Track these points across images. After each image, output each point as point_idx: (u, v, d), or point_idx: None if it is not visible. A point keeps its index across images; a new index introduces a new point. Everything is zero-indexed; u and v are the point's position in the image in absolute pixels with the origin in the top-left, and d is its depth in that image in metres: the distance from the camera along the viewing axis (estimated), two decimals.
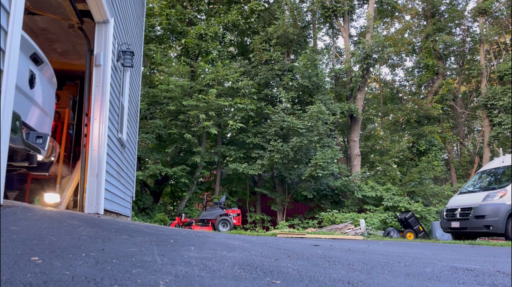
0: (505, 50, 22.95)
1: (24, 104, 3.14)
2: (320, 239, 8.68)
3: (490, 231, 9.75)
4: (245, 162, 17.14)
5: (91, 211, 5.09)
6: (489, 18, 22.30)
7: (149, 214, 15.74)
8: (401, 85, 30.33)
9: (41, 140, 3.39)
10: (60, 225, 2.51)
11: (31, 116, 3.37)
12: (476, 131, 29.58)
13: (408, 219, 13.21)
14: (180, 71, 17.23)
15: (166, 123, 16.85)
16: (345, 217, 15.15)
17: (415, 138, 21.49)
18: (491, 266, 3.15)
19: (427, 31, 23.59)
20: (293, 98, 18.47)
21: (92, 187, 5.12)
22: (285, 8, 19.86)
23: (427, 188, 18.23)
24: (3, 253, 1.54)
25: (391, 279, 2.23)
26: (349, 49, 20.04)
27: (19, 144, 2.97)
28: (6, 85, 2.29)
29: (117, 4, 6.11)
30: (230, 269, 1.98)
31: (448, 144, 24.74)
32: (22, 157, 3.25)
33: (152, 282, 1.50)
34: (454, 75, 26.93)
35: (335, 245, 4.70)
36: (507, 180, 10.38)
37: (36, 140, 3.34)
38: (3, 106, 2.26)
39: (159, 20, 17.63)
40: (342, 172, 18.05)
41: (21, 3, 2.44)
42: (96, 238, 2.26)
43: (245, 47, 21.42)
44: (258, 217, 17.20)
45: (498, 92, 19.94)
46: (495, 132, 20.09)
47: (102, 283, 1.39)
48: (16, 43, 2.40)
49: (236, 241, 3.52)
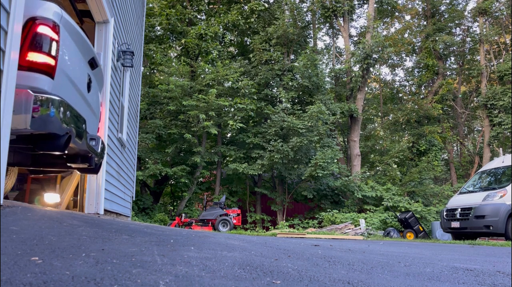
0: (505, 50, 22.94)
1: (84, 108, 3.27)
2: (320, 239, 8.68)
3: (490, 231, 9.75)
4: (245, 162, 17.13)
5: (91, 211, 5.09)
6: (489, 18, 22.29)
7: (149, 214, 15.74)
8: (401, 85, 30.34)
9: (94, 142, 3.55)
10: (60, 225, 2.51)
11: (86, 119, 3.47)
12: (476, 131, 29.58)
13: (408, 219, 13.21)
14: (180, 71, 17.23)
15: (166, 123, 16.85)
16: (345, 217, 15.14)
17: (415, 138, 21.48)
18: (491, 266, 3.15)
19: (427, 31, 23.58)
20: (293, 98, 18.47)
21: (92, 187, 5.12)
22: (285, 8, 19.85)
23: (427, 188, 18.23)
24: (3, 253, 1.54)
25: (391, 279, 2.23)
26: (349, 49, 20.03)
27: (83, 146, 3.16)
28: (6, 85, 2.29)
29: (117, 4, 6.11)
30: (230, 269, 1.98)
31: (448, 144, 24.73)
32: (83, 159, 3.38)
33: (152, 282, 1.50)
34: (454, 75, 26.92)
35: (335, 245, 4.70)
36: (507, 180, 10.38)
37: (90, 142, 3.50)
38: (3, 106, 2.26)
39: (159, 20, 17.63)
40: (342, 172, 18.05)
41: (21, 3, 2.44)
42: (96, 238, 2.26)
43: (245, 47, 21.42)
44: (258, 217, 17.20)
45: (498, 92, 19.94)
46: (495, 132, 20.09)
47: (102, 283, 1.39)
48: (16, 43, 2.40)
49: (236, 241, 3.51)
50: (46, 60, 2.52)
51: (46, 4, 2.66)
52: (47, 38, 2.53)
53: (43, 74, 2.50)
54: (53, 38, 2.56)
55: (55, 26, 2.59)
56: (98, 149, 3.65)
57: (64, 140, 2.68)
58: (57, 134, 2.60)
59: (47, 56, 2.53)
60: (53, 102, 2.50)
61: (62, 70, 2.69)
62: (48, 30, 2.54)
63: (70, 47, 2.83)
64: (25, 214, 2.52)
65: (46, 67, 2.52)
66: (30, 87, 2.45)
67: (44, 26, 2.53)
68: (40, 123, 2.43)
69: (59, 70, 2.63)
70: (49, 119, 2.46)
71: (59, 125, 2.57)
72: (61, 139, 2.65)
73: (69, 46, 2.81)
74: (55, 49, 2.57)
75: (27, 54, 2.49)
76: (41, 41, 2.52)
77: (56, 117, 2.51)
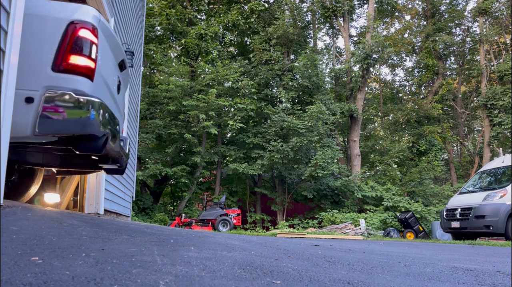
0: (505, 50, 22.93)
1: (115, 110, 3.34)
2: (320, 239, 8.68)
3: (490, 231, 9.75)
4: (245, 162, 17.14)
5: (91, 211, 5.09)
6: (489, 18, 22.29)
7: (149, 214, 15.74)
8: (401, 85, 30.33)
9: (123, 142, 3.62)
10: (60, 225, 2.51)
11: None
12: (476, 131, 29.57)
13: (408, 219, 13.21)
14: (180, 71, 17.23)
15: (166, 123, 16.85)
16: (345, 217, 15.14)
17: (415, 138, 21.48)
18: (491, 266, 3.15)
19: (427, 31, 23.58)
20: (293, 98, 18.46)
21: (92, 187, 5.12)
22: (285, 8, 19.85)
23: (427, 188, 18.23)
24: (3, 253, 1.54)
25: (391, 279, 2.23)
26: (349, 49, 20.03)
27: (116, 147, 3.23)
28: (6, 85, 2.29)
29: (117, 4, 6.11)
30: (230, 269, 1.98)
31: (448, 144, 24.73)
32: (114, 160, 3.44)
33: (152, 282, 1.50)
34: (454, 75, 26.92)
35: (335, 245, 4.70)
36: (507, 180, 10.38)
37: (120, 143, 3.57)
38: (3, 106, 2.26)
39: (159, 20, 17.63)
40: (342, 172, 18.05)
41: (21, 3, 2.44)
42: (96, 238, 2.26)
43: (245, 47, 21.42)
44: (258, 217, 17.20)
45: (498, 92, 19.93)
46: (495, 132, 20.08)
47: (102, 283, 1.39)
48: (16, 43, 2.40)
49: (236, 241, 3.52)
50: (87, 63, 2.60)
51: (85, 8, 2.74)
52: (87, 41, 2.61)
53: (84, 77, 2.58)
54: (93, 41, 2.64)
55: (94, 29, 2.66)
56: (126, 149, 3.72)
57: (102, 142, 2.73)
58: (96, 135, 2.65)
59: (88, 59, 2.60)
60: (94, 104, 2.58)
61: (99, 72, 2.75)
62: (88, 34, 2.61)
63: (105, 49, 2.89)
64: (25, 214, 2.52)
65: (87, 69, 2.59)
66: (73, 90, 2.51)
67: (85, 29, 2.60)
68: (81, 124, 2.52)
69: (97, 73, 2.70)
70: (90, 121, 2.55)
71: (98, 127, 2.64)
72: (99, 141, 2.70)
73: (104, 48, 2.86)
74: (95, 52, 2.65)
75: (69, 57, 2.55)
76: (82, 44, 2.59)
77: (96, 119, 2.59)
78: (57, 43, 2.53)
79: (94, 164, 3.51)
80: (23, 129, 2.43)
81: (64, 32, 2.56)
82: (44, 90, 2.46)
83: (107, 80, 2.98)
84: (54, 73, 2.50)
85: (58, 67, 2.51)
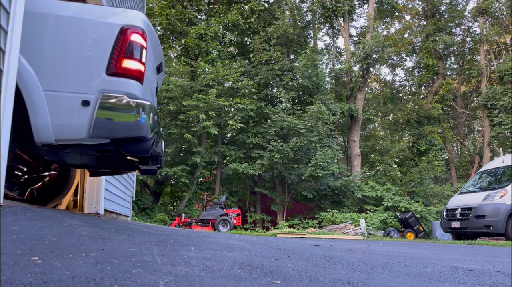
0: (505, 50, 22.93)
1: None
2: (320, 239, 8.68)
3: (490, 231, 9.75)
4: (245, 162, 17.14)
5: (91, 211, 5.09)
6: (489, 18, 22.29)
7: (149, 214, 15.74)
8: (401, 85, 30.32)
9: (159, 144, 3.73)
10: (60, 225, 2.51)
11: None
12: (476, 131, 29.57)
13: (408, 219, 13.21)
14: (180, 71, 17.23)
15: (166, 123, 16.86)
16: (345, 217, 15.15)
17: (415, 138, 21.48)
18: (491, 266, 3.15)
19: (427, 31, 23.58)
20: (293, 98, 18.47)
21: (92, 187, 5.12)
22: (285, 8, 19.86)
23: (427, 188, 18.23)
24: (3, 253, 1.54)
25: (391, 279, 2.23)
26: (349, 49, 20.04)
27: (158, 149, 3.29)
28: (6, 85, 2.29)
29: (117, 4, 6.10)
30: (230, 269, 1.98)
31: (448, 144, 24.73)
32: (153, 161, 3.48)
33: (152, 282, 1.50)
34: (454, 75, 26.91)
35: (335, 245, 4.70)
36: (507, 180, 10.38)
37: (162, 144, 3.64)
38: (3, 106, 2.26)
39: (159, 20, 17.62)
40: (342, 172, 18.05)
41: (21, 3, 2.44)
42: (96, 238, 2.26)
43: (245, 47, 21.43)
44: (258, 217, 17.20)
45: (498, 92, 19.93)
46: (495, 132, 20.08)
47: (102, 283, 1.39)
48: (16, 43, 2.40)
49: (236, 241, 3.51)
50: (138, 66, 2.65)
51: (135, 13, 2.80)
52: (138, 45, 2.66)
53: (135, 80, 2.63)
54: (143, 45, 2.69)
55: (144, 33, 2.72)
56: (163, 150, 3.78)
57: (150, 144, 2.78)
58: (146, 137, 2.69)
59: (139, 62, 2.66)
60: (144, 107, 2.63)
61: (146, 76, 2.80)
62: (139, 38, 2.67)
63: (149, 53, 2.94)
64: (25, 214, 2.52)
65: (138, 73, 2.65)
66: (125, 93, 2.57)
67: (136, 34, 2.66)
68: (133, 127, 2.58)
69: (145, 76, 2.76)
70: (141, 124, 2.60)
71: (148, 129, 2.68)
72: (147, 143, 2.75)
73: (149, 52, 2.91)
74: (145, 55, 2.72)
75: (123, 61, 2.60)
76: (134, 48, 2.65)
77: (146, 122, 2.64)
78: (111, 47, 2.59)
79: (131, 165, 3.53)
80: (79, 132, 2.49)
81: (117, 37, 2.61)
82: (99, 94, 2.52)
83: (150, 82, 3.04)
84: (108, 76, 2.56)
85: (112, 70, 2.57)
